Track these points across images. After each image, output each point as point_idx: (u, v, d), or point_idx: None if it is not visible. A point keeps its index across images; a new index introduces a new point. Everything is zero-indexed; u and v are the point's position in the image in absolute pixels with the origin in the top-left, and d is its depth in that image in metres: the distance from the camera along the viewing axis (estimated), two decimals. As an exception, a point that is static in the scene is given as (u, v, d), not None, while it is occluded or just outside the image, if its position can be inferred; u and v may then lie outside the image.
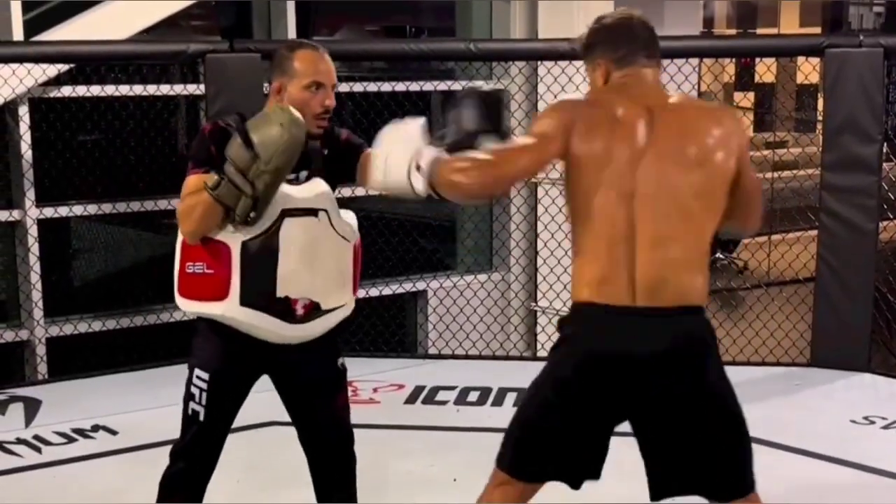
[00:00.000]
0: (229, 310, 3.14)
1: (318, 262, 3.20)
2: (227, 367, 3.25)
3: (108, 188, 6.59)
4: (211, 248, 3.14)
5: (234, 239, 3.12)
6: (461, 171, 2.89)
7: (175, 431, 4.88)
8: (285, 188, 3.12)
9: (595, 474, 2.94)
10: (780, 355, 6.10)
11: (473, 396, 5.53)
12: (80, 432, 5.04)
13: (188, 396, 3.27)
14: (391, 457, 4.63)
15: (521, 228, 7.84)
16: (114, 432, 5.04)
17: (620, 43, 3.00)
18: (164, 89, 6.58)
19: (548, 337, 7.40)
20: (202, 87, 6.21)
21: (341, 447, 3.42)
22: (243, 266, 3.11)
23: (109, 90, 6.35)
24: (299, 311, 3.18)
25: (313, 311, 3.21)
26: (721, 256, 11.39)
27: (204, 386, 3.23)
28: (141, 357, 6.33)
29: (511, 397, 5.49)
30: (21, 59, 5.72)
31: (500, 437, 4.78)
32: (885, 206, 5.90)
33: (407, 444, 4.90)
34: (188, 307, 3.24)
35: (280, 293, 3.15)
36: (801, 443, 4.43)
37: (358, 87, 7.04)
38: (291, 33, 6.98)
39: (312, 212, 3.18)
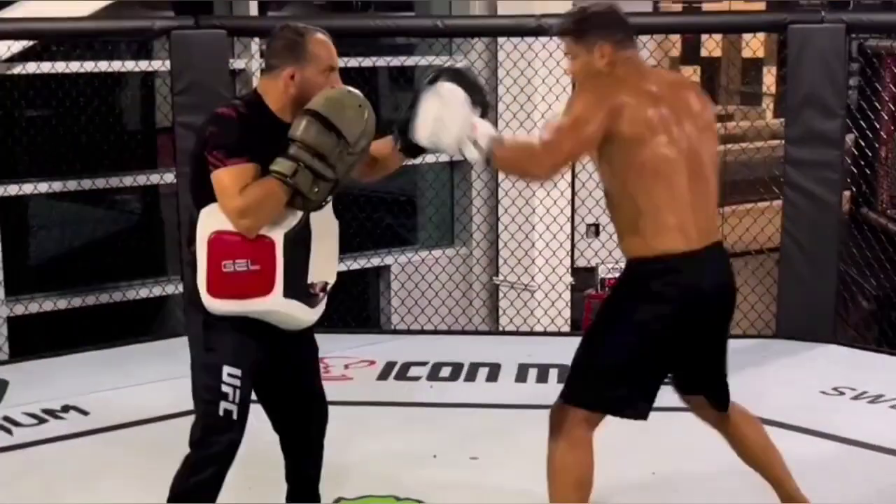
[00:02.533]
0: (275, 304, 3.08)
1: (328, 243, 3.24)
2: (254, 360, 3.18)
3: (59, 165, 6.55)
4: (255, 243, 3.03)
5: (276, 232, 3.06)
6: (532, 158, 3.22)
7: (147, 410, 4.95)
8: None
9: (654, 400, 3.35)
10: (745, 327, 6.18)
11: (445, 372, 5.55)
12: (51, 413, 4.97)
13: (218, 396, 3.10)
14: (370, 433, 4.65)
15: (483, 202, 7.86)
16: (85, 412, 4.98)
17: (617, 28, 3.35)
18: (130, 65, 6.51)
19: (509, 310, 7.44)
20: (164, 63, 6.16)
21: (324, 422, 3.47)
22: (286, 258, 3.06)
23: (74, 66, 6.28)
24: (318, 293, 3.20)
25: (325, 291, 3.23)
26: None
27: (237, 383, 3.11)
28: (101, 336, 6.29)
29: (483, 372, 5.53)
30: (-17, 36, 5.65)
31: (476, 411, 4.93)
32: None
33: (383, 420, 4.91)
34: (224, 307, 3.08)
35: (310, 279, 3.16)
36: (774, 414, 4.45)
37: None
38: (254, 10, 6.93)
39: None
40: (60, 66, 6.13)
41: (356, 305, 7.19)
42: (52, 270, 6.89)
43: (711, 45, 13.58)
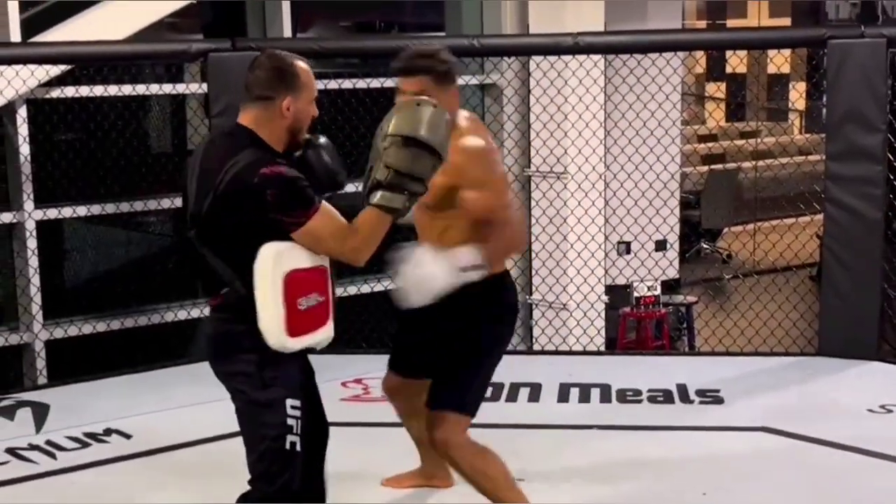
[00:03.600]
0: (330, 328, 3.15)
1: None
2: (308, 390, 3.19)
3: (94, 188, 6.57)
4: (317, 274, 3.08)
5: (324, 259, 3.11)
6: (509, 242, 3.57)
7: (189, 433, 4.94)
8: None
9: None
10: (787, 345, 6.15)
11: (486, 391, 5.50)
12: (93, 436, 4.97)
13: (285, 430, 3.09)
14: (415, 454, 4.61)
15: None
16: (127, 436, 4.97)
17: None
18: (167, 88, 6.54)
19: (542, 330, 7.43)
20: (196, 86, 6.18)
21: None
22: (333, 283, 3.15)
23: (112, 90, 6.31)
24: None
25: None
26: (705, 246, 11.49)
27: (299, 414, 3.10)
28: (136, 359, 6.29)
29: (524, 392, 5.50)
30: (22, 61, 5.65)
31: (521, 432, 4.90)
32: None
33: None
34: (300, 344, 3.09)
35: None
36: (822, 433, 4.44)
37: (332, 85, 7.00)
38: (287, 31, 6.95)
39: None
40: (99, 90, 6.15)
41: (394, 326, 7.15)
42: (88, 294, 6.89)
43: (735, 62, 13.57)
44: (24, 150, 6.09)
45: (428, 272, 3.27)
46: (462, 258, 3.37)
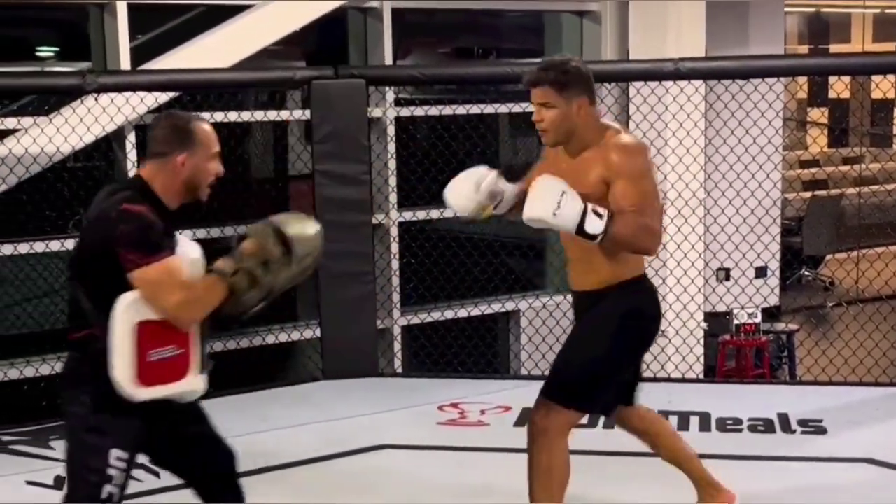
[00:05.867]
0: (192, 383, 3.18)
1: None
2: (139, 443, 3.21)
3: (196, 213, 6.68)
4: (174, 327, 3.09)
5: None
6: (653, 237, 3.50)
7: (288, 455, 5.01)
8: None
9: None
10: (877, 375, 6.03)
11: (583, 418, 5.48)
12: (196, 456, 5.05)
13: (103, 479, 3.10)
14: (511, 480, 4.59)
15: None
16: (229, 456, 5.05)
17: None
18: (272, 115, 6.66)
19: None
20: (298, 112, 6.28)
21: (231, 459, 3.51)
22: (199, 337, 3.19)
23: (218, 117, 6.43)
24: (208, 362, 3.29)
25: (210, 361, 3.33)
26: (807, 273, 11.31)
27: (124, 466, 3.13)
28: (234, 380, 6.38)
29: (622, 419, 5.45)
30: (132, 88, 5.80)
31: (619, 459, 4.86)
32: None
33: (523, 467, 4.86)
34: (151, 394, 3.11)
35: (205, 350, 3.27)
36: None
37: (434, 111, 7.07)
38: (388, 59, 7.03)
39: None
40: (206, 116, 6.24)
41: (487, 351, 7.19)
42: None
43: (839, 87, 13.35)
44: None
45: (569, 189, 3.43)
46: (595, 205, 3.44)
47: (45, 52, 7.76)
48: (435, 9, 7.93)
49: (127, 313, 3.05)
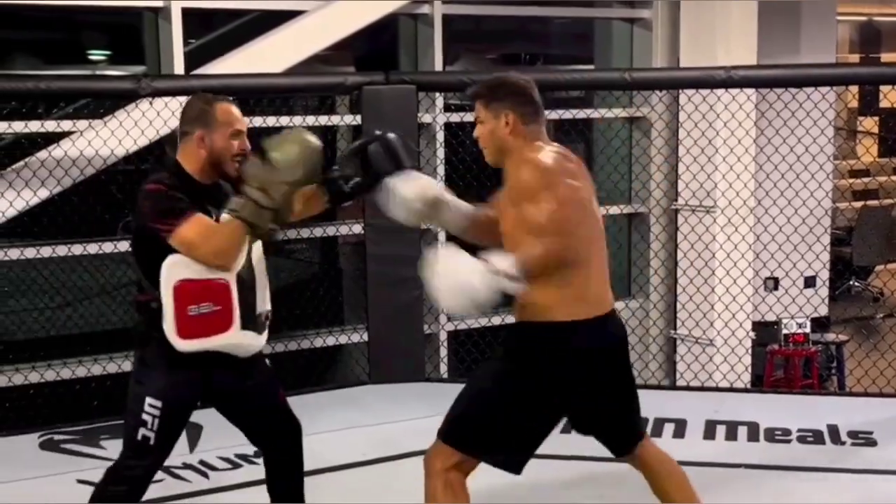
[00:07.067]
0: (234, 337, 3.50)
1: (264, 277, 3.66)
2: (178, 395, 3.52)
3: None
4: (213, 286, 3.44)
5: (229, 274, 3.46)
6: (553, 258, 3.28)
7: (335, 458, 5.03)
8: None
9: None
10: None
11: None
12: (244, 458, 5.09)
13: (138, 423, 3.49)
14: (556, 488, 4.61)
15: (659, 256, 7.80)
16: (276, 459, 5.08)
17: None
18: (322, 120, 6.69)
19: (687, 366, 7.34)
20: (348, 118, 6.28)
21: (297, 433, 3.82)
22: (239, 295, 3.48)
23: (271, 121, 6.48)
24: (265, 321, 3.64)
25: (268, 319, 3.67)
26: (856, 284, 11.19)
27: (157, 413, 3.49)
28: (288, 383, 6.41)
29: (669, 428, 5.46)
30: (186, 93, 5.83)
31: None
32: None
33: (566, 473, 4.85)
34: (192, 346, 3.46)
35: (258, 310, 3.60)
36: None
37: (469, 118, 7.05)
38: (439, 64, 7.04)
39: None
40: (258, 121, 6.32)
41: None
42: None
43: (892, 97, 13.23)
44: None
45: (464, 279, 3.20)
46: (498, 264, 3.21)
47: (97, 55, 7.85)
48: (483, 15, 7.93)
49: (169, 272, 3.41)
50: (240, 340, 3.53)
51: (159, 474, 4.82)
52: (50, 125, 6.12)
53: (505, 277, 3.19)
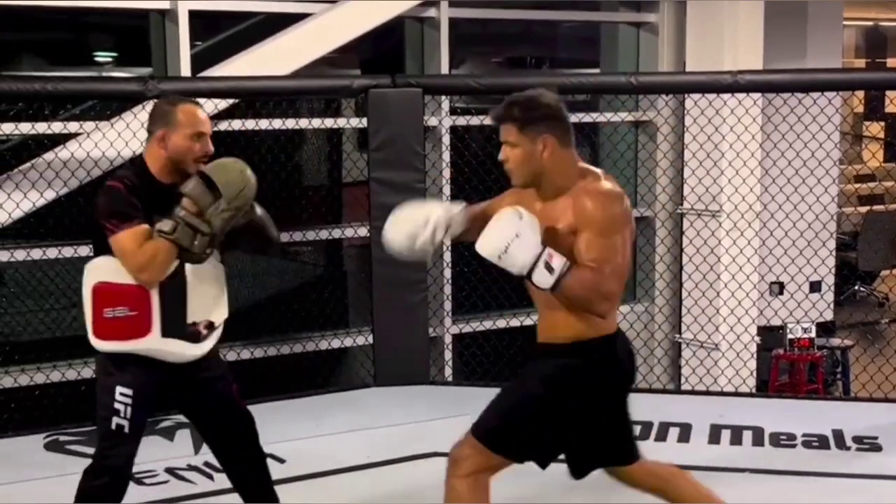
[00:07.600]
0: (152, 343, 3.54)
1: (209, 287, 3.67)
2: (146, 383, 3.59)
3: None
4: (131, 292, 3.49)
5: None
6: (603, 299, 3.22)
7: (340, 460, 5.03)
8: None
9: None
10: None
11: (634, 430, 5.46)
12: (248, 460, 5.09)
13: (111, 412, 3.55)
14: (570, 494, 4.60)
15: (664, 260, 7.80)
16: (281, 460, 5.04)
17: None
18: (328, 122, 6.70)
19: (692, 370, 7.34)
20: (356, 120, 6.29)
21: (249, 423, 3.91)
22: (162, 303, 3.52)
23: (276, 124, 6.49)
24: (202, 331, 3.65)
25: (210, 328, 3.68)
26: (862, 289, 11.18)
27: (129, 401, 3.56)
28: (284, 386, 6.43)
29: (674, 432, 5.46)
30: (193, 95, 5.80)
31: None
32: None
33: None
34: (107, 347, 3.55)
35: (190, 319, 3.61)
36: None
37: (488, 121, 7.04)
38: (445, 68, 7.04)
39: None
40: (264, 124, 6.33)
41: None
42: (242, 321, 7.06)
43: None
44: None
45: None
46: (556, 256, 3.17)
47: (103, 57, 7.86)
48: (489, 19, 7.93)
49: (91, 274, 3.53)
50: (161, 347, 3.57)
51: (164, 476, 4.90)
52: (56, 126, 6.12)
53: (548, 260, 3.15)
